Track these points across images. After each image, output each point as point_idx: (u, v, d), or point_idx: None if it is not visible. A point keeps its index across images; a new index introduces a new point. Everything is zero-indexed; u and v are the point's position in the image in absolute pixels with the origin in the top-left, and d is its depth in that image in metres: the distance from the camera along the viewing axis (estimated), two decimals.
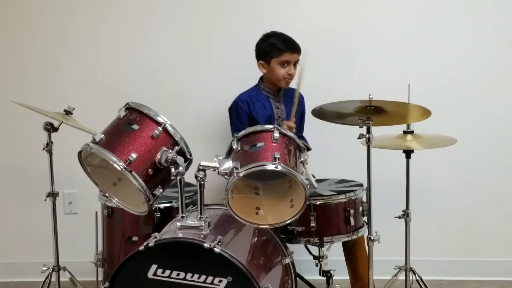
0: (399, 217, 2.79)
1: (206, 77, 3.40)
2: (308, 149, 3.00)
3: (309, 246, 2.79)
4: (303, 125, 3.15)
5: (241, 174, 2.21)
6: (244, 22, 3.33)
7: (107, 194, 2.50)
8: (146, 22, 3.40)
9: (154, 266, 2.17)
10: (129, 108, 2.39)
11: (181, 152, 2.37)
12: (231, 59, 3.35)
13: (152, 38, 3.40)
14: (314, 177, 2.68)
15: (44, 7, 3.42)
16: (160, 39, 3.40)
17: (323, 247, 2.60)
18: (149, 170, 2.30)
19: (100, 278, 2.88)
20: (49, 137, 2.75)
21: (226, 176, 2.26)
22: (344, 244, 2.86)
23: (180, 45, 3.40)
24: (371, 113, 2.41)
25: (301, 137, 3.07)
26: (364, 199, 2.66)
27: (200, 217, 2.30)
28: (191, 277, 2.15)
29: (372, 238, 2.44)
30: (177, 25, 3.38)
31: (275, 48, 2.94)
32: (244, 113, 3.01)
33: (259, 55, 3.01)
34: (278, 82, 3.00)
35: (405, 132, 2.74)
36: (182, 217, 2.33)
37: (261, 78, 3.09)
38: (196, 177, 2.29)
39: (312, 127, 3.11)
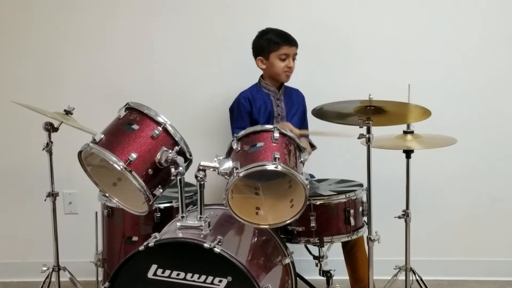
0: (399, 217, 2.78)
1: (206, 77, 3.40)
2: (313, 146, 3.06)
3: (309, 246, 2.79)
4: (307, 124, 3.15)
5: (241, 174, 2.21)
6: (243, 21, 3.33)
7: (107, 194, 2.50)
8: (145, 22, 3.40)
9: (154, 266, 2.17)
10: (129, 108, 2.39)
11: (181, 152, 2.37)
12: (231, 58, 3.35)
13: (152, 38, 3.40)
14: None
15: (44, 7, 3.42)
16: (160, 39, 3.40)
17: (323, 247, 2.59)
18: (149, 170, 2.30)
19: (100, 278, 2.87)
20: (49, 137, 2.75)
21: (226, 176, 2.26)
22: (344, 246, 2.86)
23: (180, 45, 3.40)
24: (371, 113, 2.41)
25: (306, 136, 3.07)
26: (364, 199, 2.66)
27: (200, 217, 2.30)
28: (191, 277, 2.15)
29: (372, 238, 2.44)
30: (176, 25, 3.38)
31: (273, 42, 2.97)
32: (246, 111, 3.03)
33: (257, 52, 3.03)
34: (278, 76, 3.01)
35: (405, 132, 2.74)
36: (182, 217, 2.32)
37: (262, 76, 3.09)
38: (196, 177, 2.29)
39: (312, 127, 3.10)
